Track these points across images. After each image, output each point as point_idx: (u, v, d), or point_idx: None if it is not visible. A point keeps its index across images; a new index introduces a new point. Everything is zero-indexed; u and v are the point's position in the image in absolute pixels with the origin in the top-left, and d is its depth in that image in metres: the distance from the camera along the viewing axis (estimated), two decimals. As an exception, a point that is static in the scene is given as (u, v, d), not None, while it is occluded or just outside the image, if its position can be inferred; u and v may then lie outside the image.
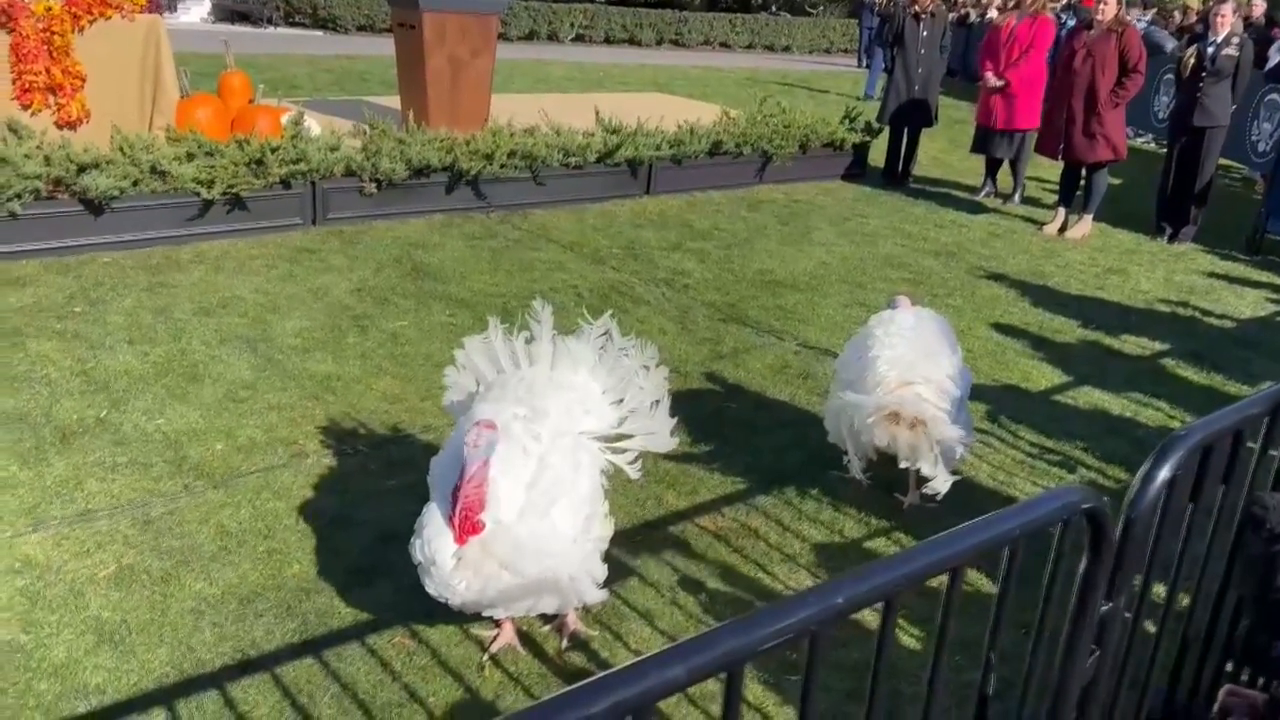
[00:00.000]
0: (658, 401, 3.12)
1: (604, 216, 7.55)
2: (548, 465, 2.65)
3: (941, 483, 3.55)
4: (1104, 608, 1.57)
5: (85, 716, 2.52)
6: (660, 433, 3.09)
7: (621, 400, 3.06)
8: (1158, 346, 5.85)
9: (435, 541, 2.50)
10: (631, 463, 3.04)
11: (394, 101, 8.86)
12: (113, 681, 2.64)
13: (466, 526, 2.46)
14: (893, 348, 3.62)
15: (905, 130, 9.53)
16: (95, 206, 5.69)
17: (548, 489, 2.61)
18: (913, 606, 3.03)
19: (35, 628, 2.81)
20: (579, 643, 2.91)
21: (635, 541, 3.41)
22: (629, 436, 3.04)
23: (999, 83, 8.67)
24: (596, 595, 2.75)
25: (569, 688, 0.97)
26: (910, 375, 3.56)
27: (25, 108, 6.02)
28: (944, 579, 1.35)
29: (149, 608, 2.92)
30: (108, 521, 3.32)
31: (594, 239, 6.97)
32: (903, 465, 3.62)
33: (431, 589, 2.54)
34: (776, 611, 1.11)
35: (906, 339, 3.66)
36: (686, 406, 4.49)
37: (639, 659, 1.02)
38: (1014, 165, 9.19)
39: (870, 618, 3.02)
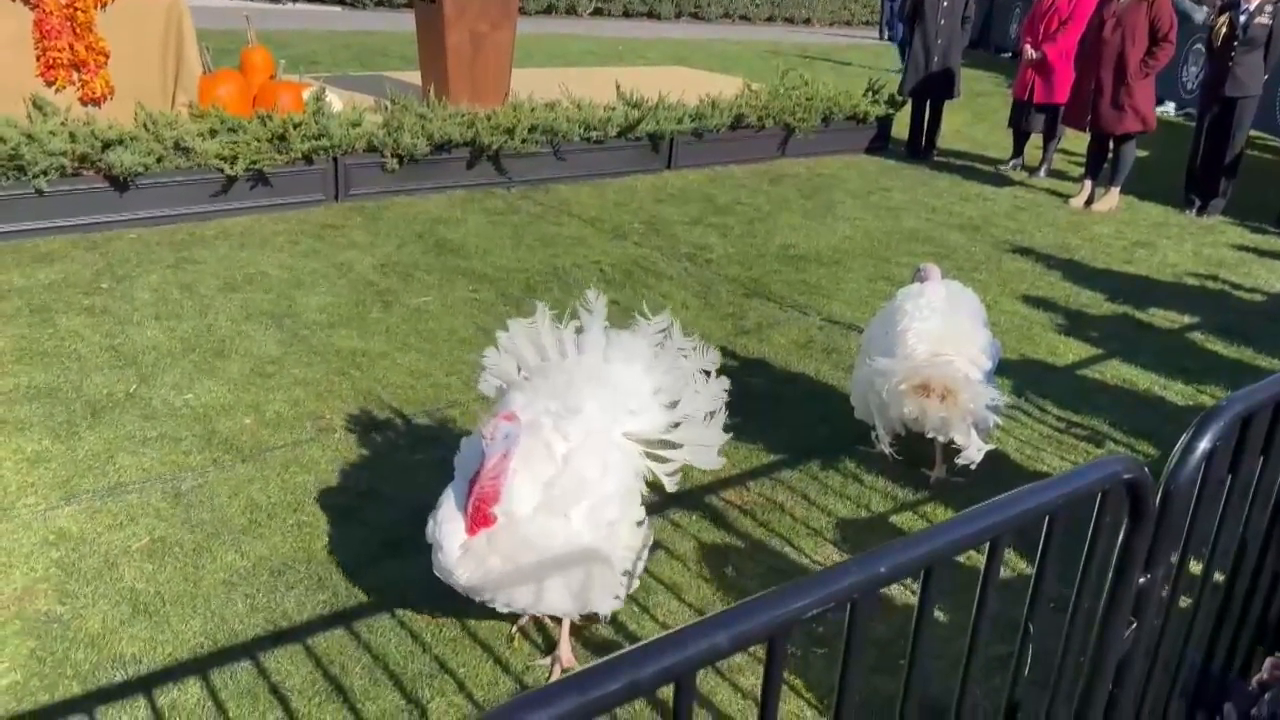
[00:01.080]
0: (712, 413, 2.92)
1: (625, 191, 7.52)
2: (570, 465, 2.53)
3: (975, 452, 3.52)
4: (1142, 579, 1.56)
5: (121, 686, 2.56)
6: (711, 446, 2.89)
7: (675, 404, 2.88)
8: (1186, 320, 5.78)
9: (446, 526, 2.46)
10: (671, 474, 2.85)
11: (414, 77, 8.83)
12: (148, 651, 2.68)
13: (478, 518, 2.42)
14: (924, 320, 3.58)
15: (928, 103, 9.42)
16: (120, 183, 5.71)
17: (568, 489, 2.50)
18: (938, 578, 3.02)
19: (71, 599, 2.85)
20: (605, 618, 2.92)
21: (661, 515, 3.41)
22: (675, 446, 2.87)
23: (1035, 55, 8.55)
24: (608, 605, 2.61)
25: (615, 654, 0.97)
26: (941, 348, 3.53)
27: (49, 84, 6.04)
28: (972, 552, 1.35)
29: (182, 579, 2.95)
30: (139, 495, 3.35)
31: (615, 214, 6.94)
32: (930, 436, 3.60)
33: (436, 569, 2.53)
34: (819, 580, 1.10)
35: (938, 312, 3.63)
36: (711, 381, 4.50)
37: (683, 626, 1.02)
38: (1046, 140, 9.08)
39: (896, 592, 3.03)
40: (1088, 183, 8.28)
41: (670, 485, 2.85)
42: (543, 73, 10.72)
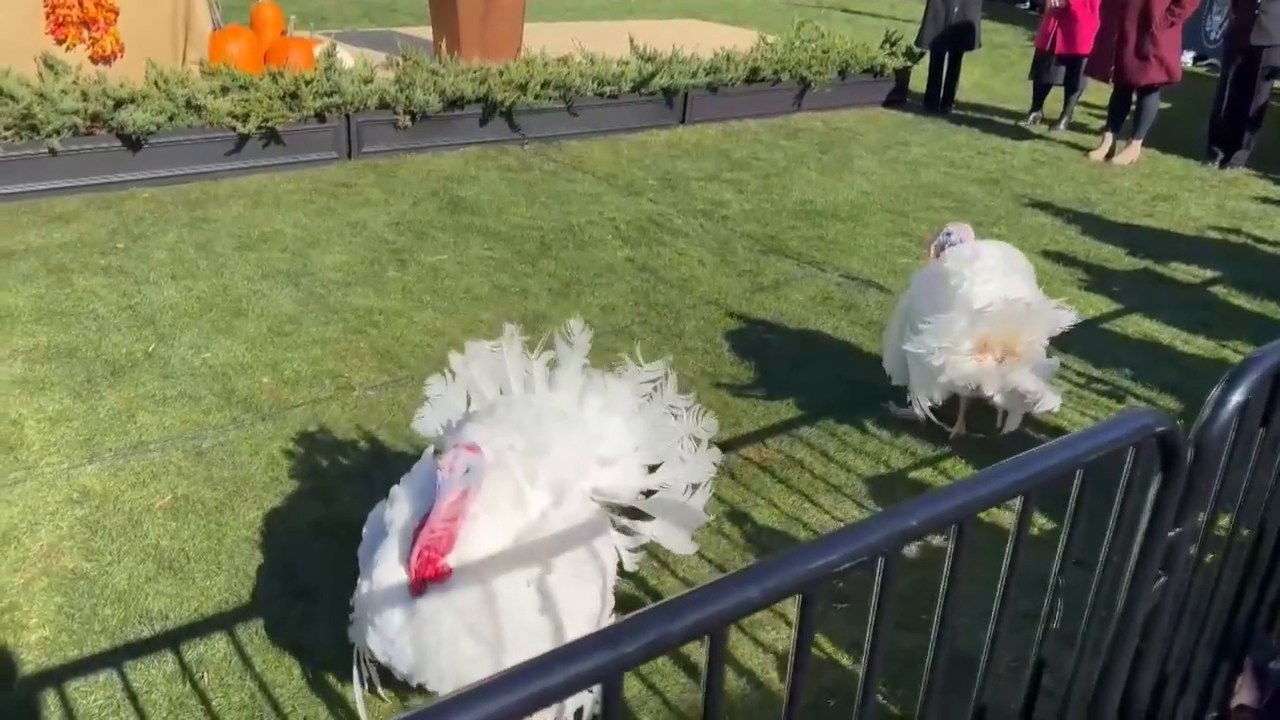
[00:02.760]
0: (696, 486, 2.48)
1: (639, 147, 7.45)
2: (549, 520, 2.08)
3: (1052, 399, 3.43)
4: (1172, 533, 1.55)
5: (149, 641, 2.59)
6: (687, 526, 2.45)
7: (655, 469, 2.44)
8: (1208, 274, 5.71)
9: (383, 583, 1.99)
10: (633, 550, 2.41)
11: (425, 33, 8.73)
12: (174, 607, 2.71)
13: (427, 569, 1.93)
14: (984, 283, 3.42)
15: (946, 55, 9.26)
16: (133, 142, 5.69)
17: (540, 547, 2.04)
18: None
19: (97, 556, 2.88)
20: (627, 572, 2.92)
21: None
22: (646, 518, 2.44)
23: (1059, 3, 8.38)
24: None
25: (648, 607, 0.97)
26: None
27: (60, 42, 5.99)
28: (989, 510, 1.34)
29: (205, 536, 2.98)
30: (160, 453, 3.37)
31: (630, 170, 6.88)
32: (989, 396, 3.49)
33: (364, 640, 2.04)
34: (849, 534, 1.09)
35: (997, 273, 3.48)
36: (728, 339, 4.48)
37: (716, 580, 1.02)
38: (1067, 92, 8.91)
39: (913, 550, 3.03)
40: (1109, 135, 8.14)
41: (629, 563, 2.41)
42: (555, 27, 10.57)
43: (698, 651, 2.31)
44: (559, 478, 2.18)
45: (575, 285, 4.95)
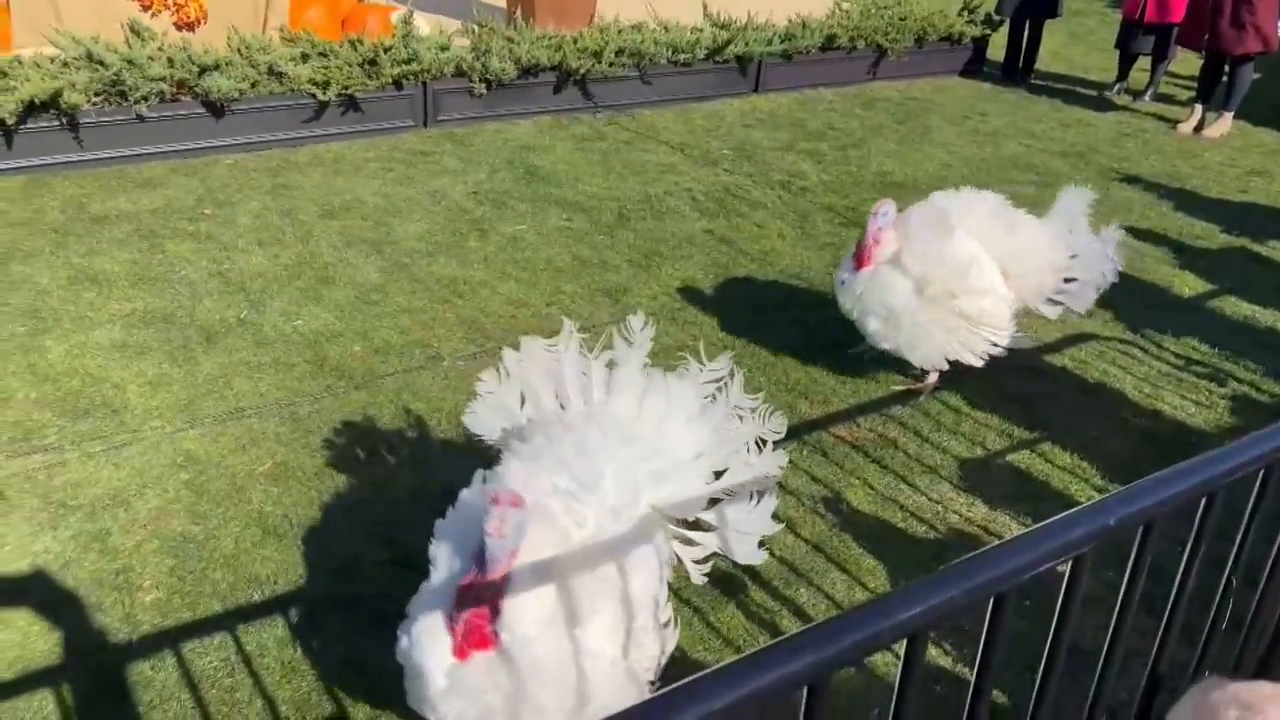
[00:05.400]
0: (763, 494, 2.35)
1: (712, 116, 7.35)
2: (589, 562, 1.94)
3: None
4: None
5: (259, 605, 2.64)
6: (752, 534, 2.31)
7: (719, 475, 2.32)
8: (1309, 254, 5.51)
9: (426, 646, 1.85)
10: (699, 561, 2.33)
11: (497, -1, 8.69)
12: (281, 573, 2.75)
13: (473, 638, 1.81)
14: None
15: (1027, 23, 8.99)
16: (217, 109, 5.74)
17: (584, 597, 1.89)
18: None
19: (203, 520, 2.93)
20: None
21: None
22: (709, 528, 2.36)
23: None
24: None
25: (854, 607, 0.95)
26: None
27: (145, 9, 6.06)
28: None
29: (307, 503, 3.02)
30: (258, 420, 3.42)
31: (704, 140, 6.80)
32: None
33: (413, 702, 1.93)
34: (1044, 533, 1.06)
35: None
36: (813, 315, 4.42)
37: (913, 583, 0.99)
38: (1155, 62, 8.60)
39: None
40: (1198, 107, 7.86)
41: (696, 576, 2.33)
42: (623, -7, 10.45)
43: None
44: (607, 509, 2.01)
45: (655, 257, 4.91)
